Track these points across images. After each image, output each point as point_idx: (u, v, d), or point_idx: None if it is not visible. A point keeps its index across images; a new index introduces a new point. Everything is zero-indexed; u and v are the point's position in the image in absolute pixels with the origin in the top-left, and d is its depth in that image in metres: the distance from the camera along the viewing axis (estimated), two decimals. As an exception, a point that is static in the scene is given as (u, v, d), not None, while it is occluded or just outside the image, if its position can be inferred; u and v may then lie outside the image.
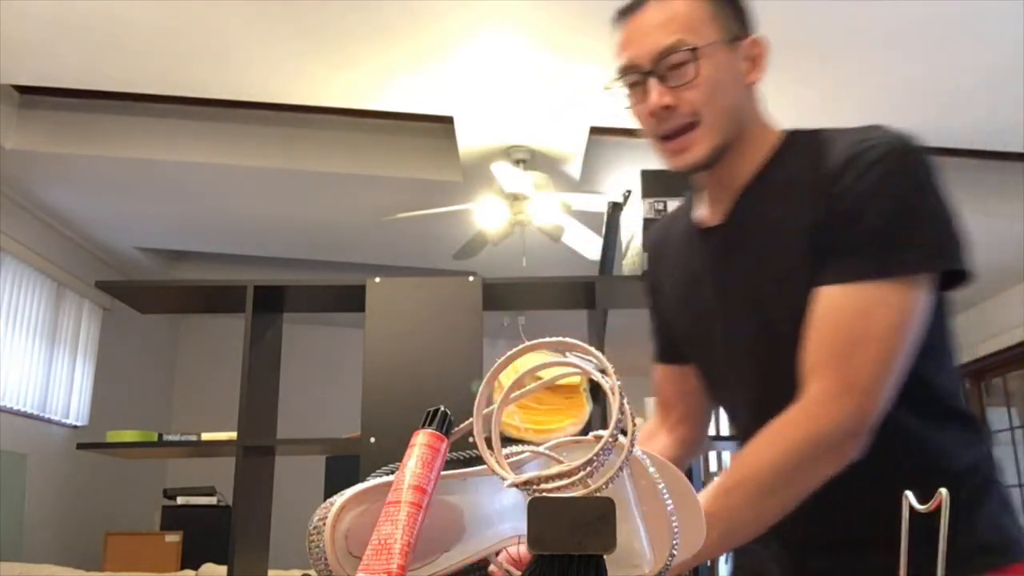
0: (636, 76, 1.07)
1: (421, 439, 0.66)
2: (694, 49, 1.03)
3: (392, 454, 0.96)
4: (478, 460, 0.67)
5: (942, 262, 0.97)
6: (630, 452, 0.64)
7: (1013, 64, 3.27)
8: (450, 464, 0.70)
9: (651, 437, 1.26)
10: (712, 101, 1.05)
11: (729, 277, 1.09)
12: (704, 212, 1.14)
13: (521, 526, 0.66)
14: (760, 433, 0.94)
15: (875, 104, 3.67)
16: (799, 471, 0.91)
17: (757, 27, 1.15)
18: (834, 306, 0.96)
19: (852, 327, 0.94)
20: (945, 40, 3.19)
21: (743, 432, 1.11)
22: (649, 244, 1.31)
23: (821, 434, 0.92)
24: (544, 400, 2.20)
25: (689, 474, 2.46)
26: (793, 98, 3.66)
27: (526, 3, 3.05)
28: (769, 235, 1.05)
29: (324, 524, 0.65)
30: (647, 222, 2.40)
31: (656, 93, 1.04)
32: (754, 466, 0.91)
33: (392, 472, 0.69)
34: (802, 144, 1.08)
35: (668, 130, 1.06)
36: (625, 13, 1.11)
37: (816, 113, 3.78)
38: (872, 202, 0.96)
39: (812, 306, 0.97)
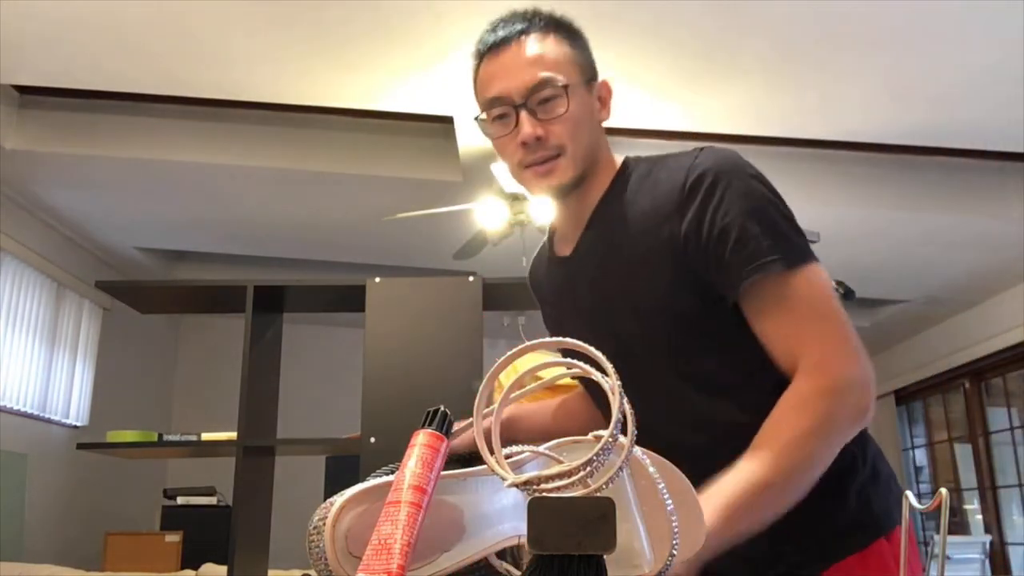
0: (506, 108, 1.14)
1: (421, 439, 0.66)
2: (566, 86, 1.12)
3: (392, 454, 0.96)
4: (478, 457, 0.67)
5: (811, 254, 1.05)
6: (630, 452, 0.64)
7: (1012, 64, 3.27)
8: (450, 463, 0.70)
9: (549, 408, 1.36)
10: (576, 135, 1.13)
11: (582, 301, 1.17)
12: (559, 244, 1.25)
13: (521, 526, 0.66)
14: (773, 423, 0.95)
15: (875, 104, 3.67)
16: (827, 444, 0.94)
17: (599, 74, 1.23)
18: (778, 297, 1.01)
19: (804, 307, 1.00)
20: (944, 40, 3.19)
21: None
22: (529, 276, 1.40)
23: (846, 414, 0.96)
24: (544, 400, 2.20)
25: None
26: (793, 98, 3.67)
27: (526, 3, 3.05)
28: (615, 262, 1.13)
29: (324, 524, 0.65)
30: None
31: (529, 124, 1.11)
32: (785, 458, 0.92)
33: (392, 472, 0.69)
34: (636, 171, 1.17)
35: (535, 159, 1.13)
36: (493, 48, 1.17)
37: (815, 114, 3.79)
38: (730, 226, 1.03)
39: (751, 303, 1.02)
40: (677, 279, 1.06)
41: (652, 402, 1.01)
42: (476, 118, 1.20)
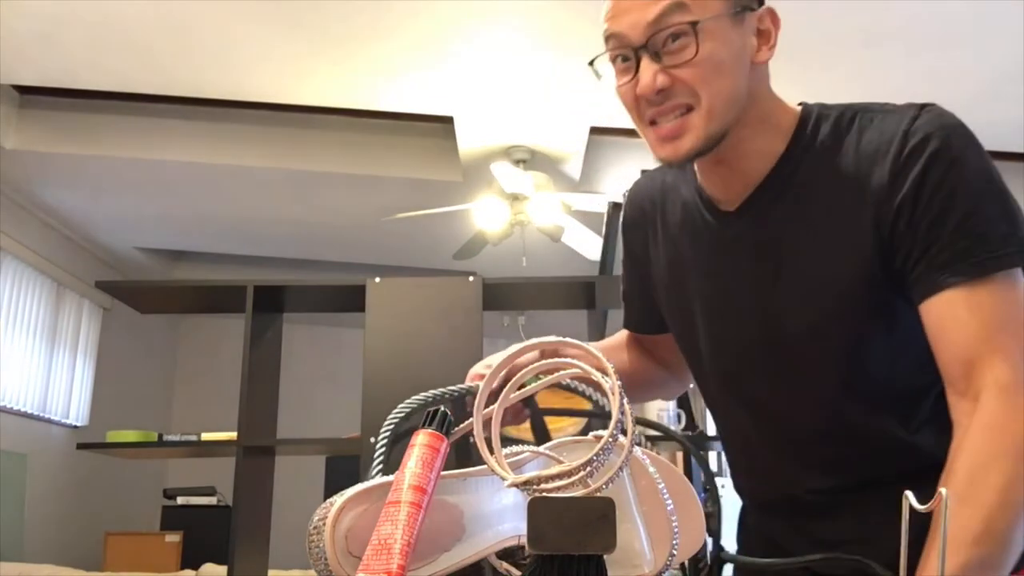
0: (625, 51, 0.93)
1: (421, 439, 0.66)
2: (694, 23, 0.89)
3: (392, 454, 0.96)
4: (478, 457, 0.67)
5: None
6: (630, 452, 0.64)
7: (1013, 64, 3.27)
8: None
9: (622, 349, 1.21)
10: (712, 83, 0.91)
11: (741, 268, 0.98)
12: (715, 194, 1.00)
13: (521, 526, 0.66)
14: (963, 455, 0.79)
15: (875, 104, 3.67)
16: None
17: None
18: (968, 305, 0.83)
19: (993, 322, 0.82)
20: (945, 40, 3.19)
21: (733, 448, 1.07)
22: (639, 201, 1.14)
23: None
24: (543, 400, 2.20)
25: (689, 475, 2.46)
26: (793, 98, 3.67)
27: (526, 3, 3.05)
28: (802, 243, 0.93)
29: (324, 524, 0.65)
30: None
31: (649, 73, 0.91)
32: (986, 499, 0.76)
33: (383, 465, 0.69)
34: (830, 126, 0.95)
35: (659, 113, 0.93)
36: None
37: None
38: (950, 201, 0.85)
39: (936, 314, 0.85)
40: (863, 272, 0.90)
41: (791, 399, 0.94)
42: (589, 63, 0.99)
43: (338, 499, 0.66)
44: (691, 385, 1.20)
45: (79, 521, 5.06)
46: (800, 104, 0.99)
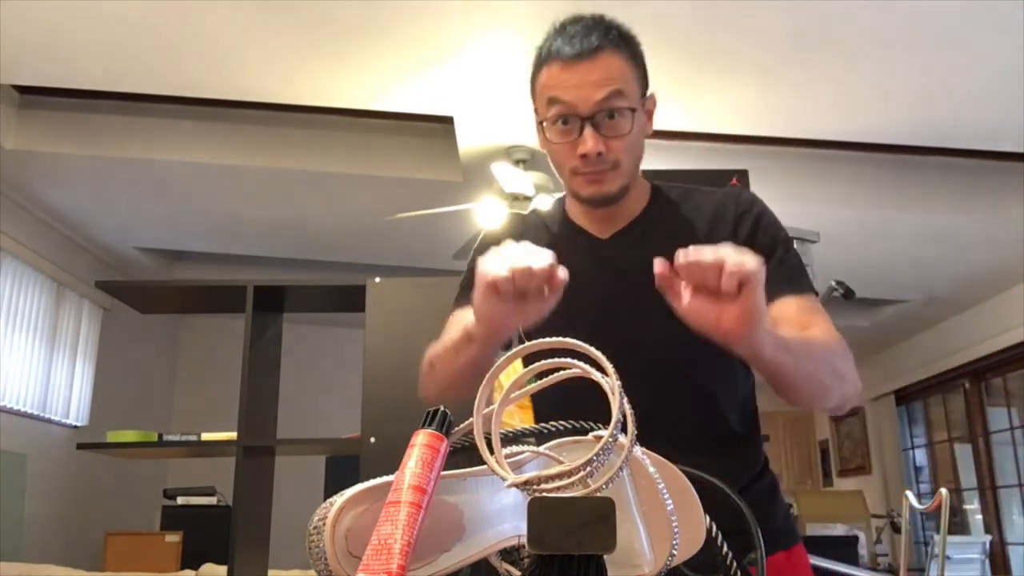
0: (571, 117, 1.19)
1: (421, 439, 0.66)
2: (633, 109, 1.20)
3: (392, 454, 0.96)
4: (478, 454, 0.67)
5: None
6: (630, 452, 0.64)
7: (1014, 64, 3.27)
8: (451, 456, 0.70)
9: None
10: (631, 151, 1.23)
11: (611, 281, 1.25)
12: (586, 225, 1.31)
13: (521, 526, 0.66)
14: (822, 337, 1.17)
15: (875, 104, 3.67)
16: (833, 368, 1.15)
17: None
18: (802, 308, 1.21)
19: (821, 320, 1.21)
20: (944, 41, 3.19)
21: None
22: (497, 237, 1.33)
23: (849, 363, 1.17)
24: (544, 400, 2.20)
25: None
26: (793, 98, 3.67)
27: (527, 4, 3.05)
28: (673, 251, 1.16)
29: (324, 524, 0.65)
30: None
31: (592, 140, 1.18)
32: (811, 342, 1.14)
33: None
34: (670, 192, 1.33)
35: (591, 171, 1.21)
36: (568, 57, 1.19)
37: (816, 114, 3.79)
38: (775, 244, 1.24)
39: (780, 309, 1.19)
40: None
41: (655, 386, 1.13)
42: (540, 121, 1.24)
43: (338, 499, 0.66)
44: None
45: (79, 521, 5.06)
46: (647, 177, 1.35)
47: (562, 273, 1.02)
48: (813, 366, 1.11)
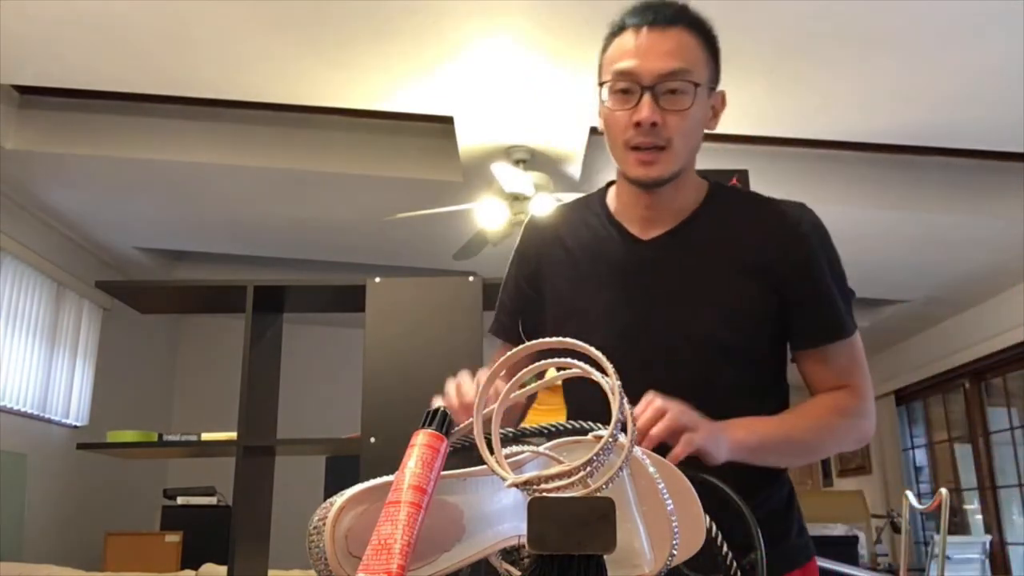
0: (632, 85, 1.16)
1: (421, 439, 0.66)
2: (697, 84, 1.16)
3: (392, 454, 0.96)
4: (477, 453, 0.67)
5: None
6: (630, 452, 0.64)
7: (1013, 64, 3.27)
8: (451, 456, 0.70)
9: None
10: (687, 134, 1.19)
11: (655, 286, 1.23)
12: (630, 224, 1.27)
13: (521, 526, 0.66)
14: (813, 403, 1.22)
15: (875, 104, 3.67)
16: (841, 441, 1.23)
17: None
18: (842, 352, 1.24)
19: (858, 365, 1.26)
20: (945, 40, 3.19)
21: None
22: (539, 227, 1.37)
23: (865, 428, 1.24)
24: (544, 400, 2.20)
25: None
26: (793, 98, 3.67)
27: (527, 4, 3.05)
28: (717, 264, 1.21)
29: (324, 524, 0.65)
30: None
31: (649, 109, 1.14)
32: (806, 423, 1.19)
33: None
34: (730, 196, 1.31)
35: (643, 143, 1.17)
36: (639, 25, 1.18)
37: (816, 114, 3.79)
38: (829, 274, 1.25)
39: (824, 349, 1.23)
40: (769, 305, 1.22)
41: (678, 394, 1.10)
42: (600, 83, 1.21)
43: (338, 499, 0.66)
44: None
45: (79, 521, 5.06)
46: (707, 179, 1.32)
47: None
48: (800, 448, 1.20)
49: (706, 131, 1.25)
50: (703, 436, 0.97)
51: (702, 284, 1.21)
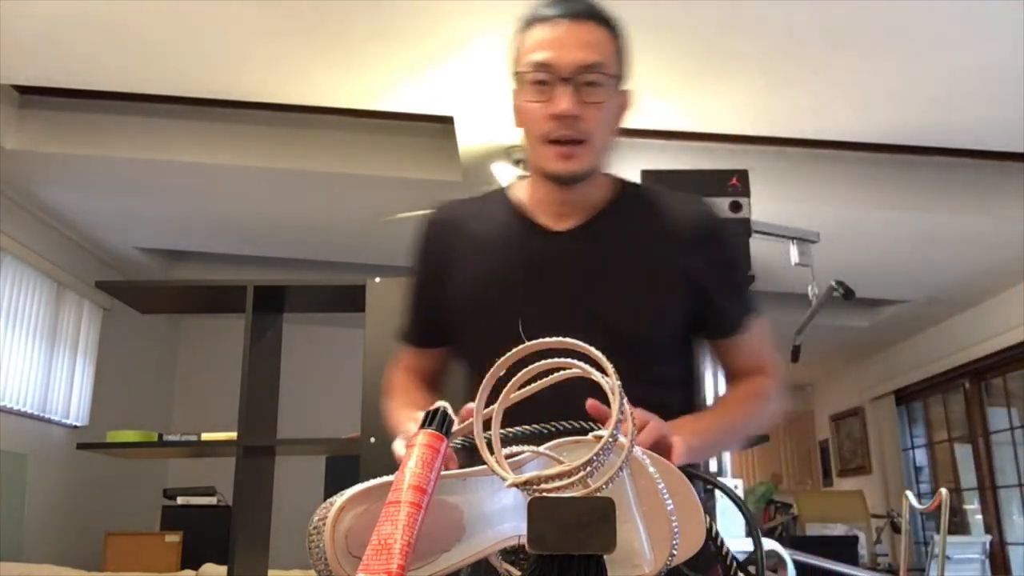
0: (549, 77, 1.15)
1: (421, 439, 0.66)
2: (614, 76, 1.17)
3: (392, 454, 0.96)
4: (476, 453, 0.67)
5: None
6: (630, 452, 0.64)
7: (1012, 64, 3.27)
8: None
9: (415, 390, 1.35)
10: (604, 127, 1.18)
11: (567, 277, 1.21)
12: (542, 217, 1.25)
13: (521, 526, 0.66)
14: (736, 394, 1.30)
15: (875, 104, 3.67)
16: (765, 419, 1.31)
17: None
18: (754, 335, 1.31)
19: (768, 344, 1.33)
20: (944, 40, 3.19)
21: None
22: (435, 224, 1.33)
23: (778, 407, 1.32)
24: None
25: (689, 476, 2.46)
26: (793, 98, 3.67)
27: (527, 4, 3.05)
28: (635, 257, 1.22)
29: (324, 524, 0.65)
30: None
31: (569, 101, 1.13)
32: (735, 415, 1.26)
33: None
34: (637, 190, 1.31)
35: (562, 136, 1.16)
36: (553, 17, 1.18)
37: (815, 114, 3.79)
38: (735, 265, 1.35)
39: (742, 335, 1.29)
40: (684, 298, 1.23)
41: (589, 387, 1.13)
42: (517, 71, 1.20)
43: (338, 499, 0.66)
44: None
45: (79, 521, 5.06)
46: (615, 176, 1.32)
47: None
48: (731, 438, 1.37)
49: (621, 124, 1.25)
50: (680, 443, 0.97)
51: (618, 277, 1.21)
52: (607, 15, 1.21)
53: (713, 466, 3.51)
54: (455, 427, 0.90)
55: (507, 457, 0.69)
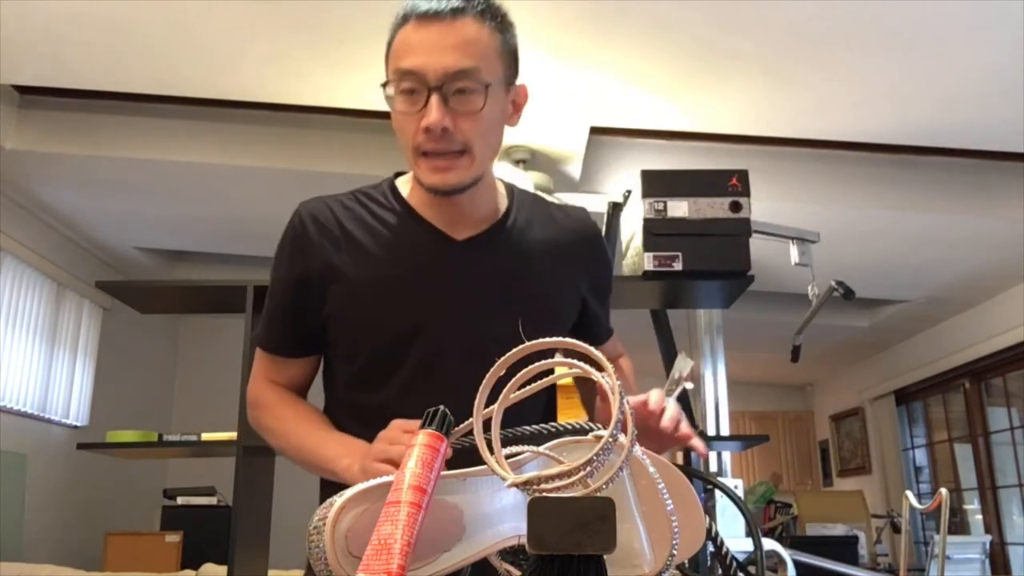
0: (417, 85, 1.06)
1: (421, 439, 0.66)
2: (487, 85, 1.07)
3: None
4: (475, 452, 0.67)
5: None
6: (630, 452, 0.64)
7: (1012, 64, 3.27)
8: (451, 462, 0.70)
9: (296, 403, 1.27)
10: (485, 136, 1.10)
11: (466, 286, 1.16)
12: (440, 224, 1.19)
13: (521, 526, 0.66)
14: (625, 374, 1.38)
15: (875, 104, 3.67)
16: None
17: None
18: (616, 345, 1.41)
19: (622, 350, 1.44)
20: (944, 40, 3.19)
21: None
22: (308, 224, 1.25)
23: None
24: (544, 400, 2.20)
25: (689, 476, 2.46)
26: (793, 98, 3.67)
27: (526, 4, 3.05)
28: (532, 271, 1.20)
29: (324, 524, 0.65)
30: (647, 222, 2.40)
31: (439, 112, 1.05)
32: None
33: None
34: (526, 199, 1.28)
35: (435, 149, 1.08)
36: (423, 17, 1.07)
37: (815, 114, 3.79)
38: (611, 276, 1.38)
39: (600, 342, 1.34)
40: (573, 309, 1.26)
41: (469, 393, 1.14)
42: (383, 85, 1.10)
43: (338, 499, 0.66)
44: (690, 386, 1.36)
45: (79, 521, 5.06)
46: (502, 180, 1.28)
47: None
48: None
49: (512, 126, 1.18)
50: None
51: (517, 290, 1.18)
52: (489, 7, 1.10)
53: (713, 466, 3.51)
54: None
55: (507, 457, 0.69)
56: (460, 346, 1.15)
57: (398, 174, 1.27)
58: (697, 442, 1.05)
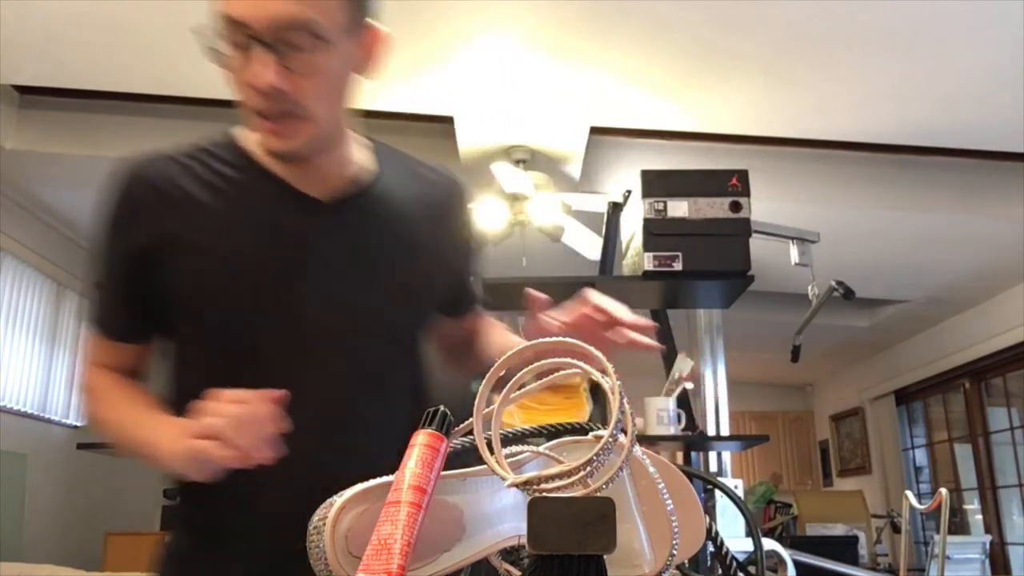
0: (241, 38, 0.92)
1: (421, 439, 0.66)
2: (323, 39, 0.92)
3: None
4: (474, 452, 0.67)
5: None
6: (630, 452, 0.64)
7: (1012, 64, 3.27)
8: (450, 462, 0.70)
9: (133, 389, 1.11)
10: (327, 96, 0.97)
11: (355, 255, 1.06)
12: (298, 181, 1.05)
13: (521, 526, 0.66)
14: (500, 331, 1.34)
15: (875, 104, 3.67)
16: None
17: (381, 16, 1.02)
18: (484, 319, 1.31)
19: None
20: (944, 40, 3.19)
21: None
22: (135, 186, 1.10)
23: None
24: (544, 400, 2.20)
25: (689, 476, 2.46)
26: (793, 98, 3.67)
27: (527, 4, 3.05)
28: (401, 238, 1.10)
29: (324, 524, 0.65)
30: (647, 222, 2.40)
31: (267, 71, 0.91)
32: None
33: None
34: (393, 157, 1.18)
35: (268, 110, 0.95)
36: None
37: (815, 114, 3.79)
38: (476, 251, 1.27)
39: (473, 312, 1.28)
40: (445, 279, 1.18)
41: (359, 372, 1.07)
42: (194, 30, 0.95)
43: (338, 499, 0.66)
44: (690, 386, 1.33)
45: (79, 521, 5.06)
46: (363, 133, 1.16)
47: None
48: None
49: (366, 75, 1.02)
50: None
51: (390, 257, 1.08)
52: None
53: (713, 466, 3.51)
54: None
55: (507, 457, 0.69)
56: (328, 322, 1.03)
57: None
58: (643, 338, 1.01)
